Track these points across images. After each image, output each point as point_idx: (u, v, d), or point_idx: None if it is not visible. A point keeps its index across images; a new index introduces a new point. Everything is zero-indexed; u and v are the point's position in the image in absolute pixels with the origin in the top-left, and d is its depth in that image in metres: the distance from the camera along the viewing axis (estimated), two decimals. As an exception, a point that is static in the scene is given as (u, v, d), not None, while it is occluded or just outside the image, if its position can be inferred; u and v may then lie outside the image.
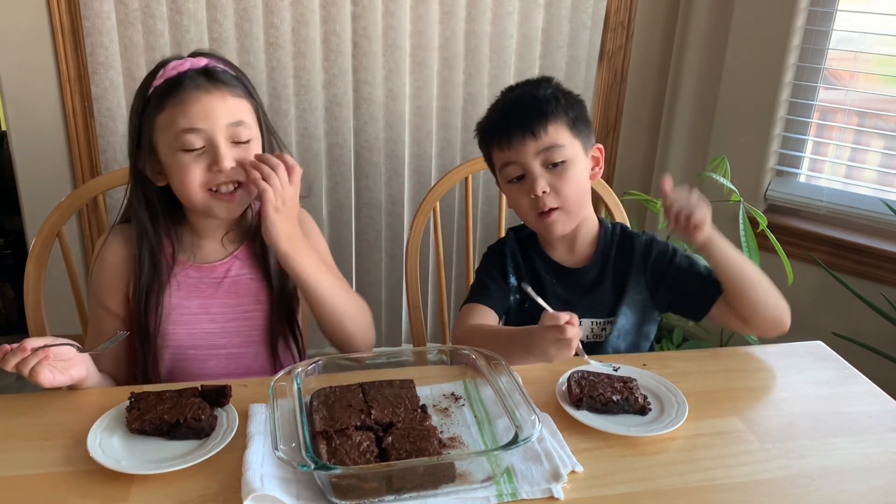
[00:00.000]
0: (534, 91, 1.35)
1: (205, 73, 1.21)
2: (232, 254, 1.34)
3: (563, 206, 1.32)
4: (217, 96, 1.20)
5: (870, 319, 2.24)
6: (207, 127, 1.19)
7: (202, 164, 1.21)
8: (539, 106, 1.31)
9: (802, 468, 1.03)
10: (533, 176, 1.31)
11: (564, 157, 1.31)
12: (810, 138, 2.42)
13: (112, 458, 0.97)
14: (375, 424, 1.02)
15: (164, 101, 1.20)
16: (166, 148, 1.21)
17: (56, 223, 1.48)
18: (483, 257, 1.50)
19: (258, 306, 1.35)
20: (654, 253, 1.40)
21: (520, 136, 1.31)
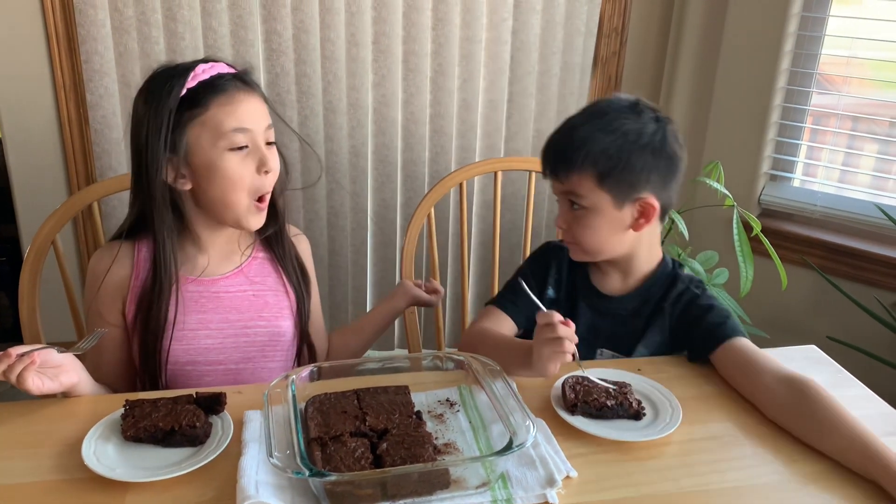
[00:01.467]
0: (583, 127, 1.26)
1: (238, 77, 1.24)
2: (234, 269, 1.34)
3: (579, 245, 1.31)
4: (257, 98, 1.24)
5: (864, 323, 2.24)
6: (254, 127, 1.22)
7: (250, 165, 1.22)
8: (567, 151, 1.26)
9: (796, 472, 1.03)
10: (560, 208, 1.31)
11: (584, 205, 1.26)
12: (804, 143, 2.43)
13: (107, 465, 0.97)
14: (370, 431, 1.02)
15: (208, 100, 1.19)
16: (209, 149, 1.20)
17: (51, 231, 1.48)
18: (529, 258, 1.47)
19: (260, 322, 1.35)
20: (686, 297, 1.34)
21: (548, 171, 1.32)
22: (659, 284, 1.35)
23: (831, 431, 1.06)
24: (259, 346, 1.35)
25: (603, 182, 1.24)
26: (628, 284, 1.36)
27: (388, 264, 2.61)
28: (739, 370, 1.22)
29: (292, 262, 1.39)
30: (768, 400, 1.15)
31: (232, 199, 1.23)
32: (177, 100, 1.19)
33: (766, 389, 1.16)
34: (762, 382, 1.17)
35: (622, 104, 1.29)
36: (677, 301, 1.34)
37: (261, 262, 1.37)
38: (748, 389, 1.19)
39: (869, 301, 2.24)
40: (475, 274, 2.68)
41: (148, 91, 1.22)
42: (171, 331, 1.29)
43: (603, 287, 1.37)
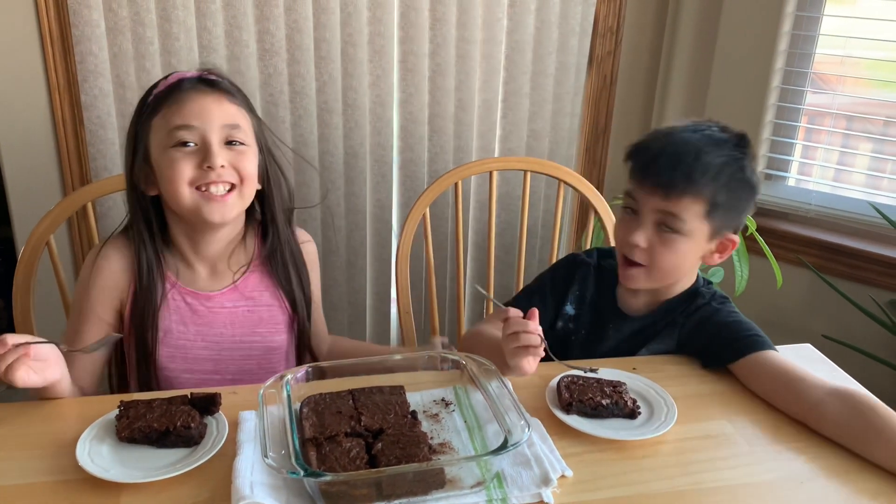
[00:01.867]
0: (706, 149, 1.20)
1: (204, 80, 1.23)
2: (229, 285, 1.33)
3: (650, 268, 1.25)
4: (215, 98, 1.22)
5: (859, 322, 2.25)
6: (201, 124, 1.19)
7: (193, 160, 1.20)
8: (691, 172, 1.19)
9: (791, 471, 1.03)
10: (639, 224, 1.24)
11: (679, 230, 1.21)
12: (798, 142, 2.43)
13: (101, 466, 0.97)
14: (365, 431, 1.02)
15: (160, 105, 1.21)
16: (159, 149, 1.21)
17: (45, 231, 1.48)
18: (555, 267, 1.43)
19: (256, 338, 1.35)
20: (702, 312, 1.32)
21: (651, 185, 1.21)
22: (681, 303, 1.33)
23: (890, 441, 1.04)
24: (256, 359, 1.36)
25: (710, 214, 1.21)
26: (654, 304, 1.35)
27: (383, 265, 2.61)
28: (779, 383, 1.18)
29: (292, 278, 1.36)
30: (820, 415, 1.11)
31: (173, 192, 1.21)
32: (143, 107, 1.23)
33: (816, 404, 1.12)
34: (812, 397, 1.13)
35: (732, 134, 1.25)
36: (692, 314, 1.32)
37: (259, 277, 1.36)
38: (792, 403, 1.16)
39: (864, 300, 2.24)
40: (471, 274, 2.68)
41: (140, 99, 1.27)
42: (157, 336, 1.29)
43: (629, 308, 1.35)
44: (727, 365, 1.27)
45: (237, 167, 1.22)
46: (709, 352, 1.29)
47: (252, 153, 1.26)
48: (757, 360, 1.23)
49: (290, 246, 1.37)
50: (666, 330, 1.33)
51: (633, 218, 1.26)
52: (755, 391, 1.22)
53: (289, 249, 1.36)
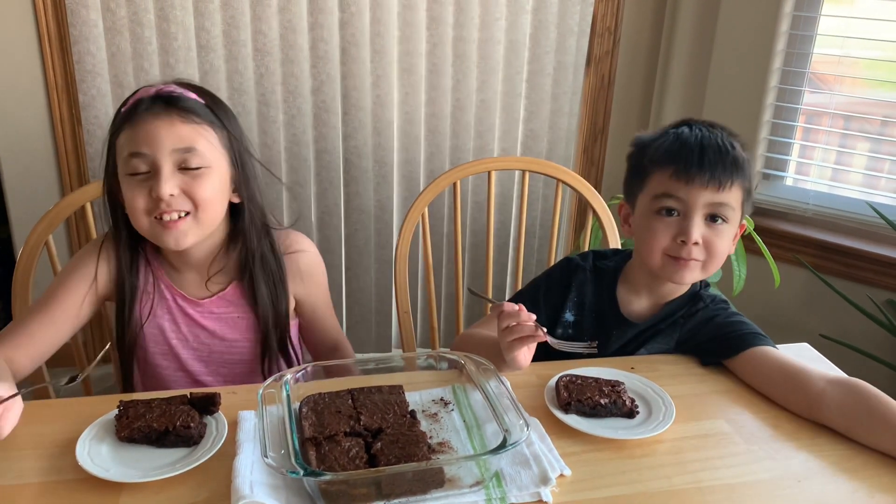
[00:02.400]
0: (730, 142, 1.25)
1: (164, 98, 1.18)
2: (217, 293, 1.33)
3: (707, 261, 1.26)
4: (166, 121, 1.16)
5: (856, 321, 2.26)
6: (151, 151, 1.16)
7: (145, 189, 1.18)
8: (735, 161, 1.23)
9: (788, 469, 1.04)
10: (691, 223, 1.23)
11: (728, 219, 1.25)
12: (796, 142, 2.44)
13: (101, 466, 0.97)
14: (364, 430, 1.02)
15: (122, 125, 1.19)
16: (121, 173, 1.20)
17: (44, 232, 1.48)
18: (549, 272, 1.42)
19: (246, 344, 1.35)
20: (703, 314, 1.33)
21: (704, 179, 1.21)
22: (682, 304, 1.34)
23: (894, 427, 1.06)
24: (248, 364, 1.36)
25: (745, 200, 1.27)
26: (656, 307, 1.35)
27: (384, 265, 2.61)
28: (779, 376, 1.19)
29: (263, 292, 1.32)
30: (822, 404, 1.13)
31: (133, 220, 1.22)
32: (112, 125, 1.22)
33: (818, 393, 1.13)
34: (813, 387, 1.14)
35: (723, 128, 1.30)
36: (693, 315, 1.33)
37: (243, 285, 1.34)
38: (792, 395, 1.17)
39: (861, 299, 2.25)
40: (468, 274, 2.68)
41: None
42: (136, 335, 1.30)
43: (631, 312, 1.35)
44: (728, 360, 1.28)
45: (190, 194, 1.18)
46: (708, 349, 1.30)
47: (211, 175, 1.20)
48: (756, 354, 1.24)
49: (265, 260, 1.32)
50: (667, 330, 1.34)
51: (677, 219, 1.25)
52: (754, 386, 1.23)
53: (260, 264, 1.31)
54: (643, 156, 1.30)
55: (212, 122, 1.21)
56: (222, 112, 1.24)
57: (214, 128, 1.21)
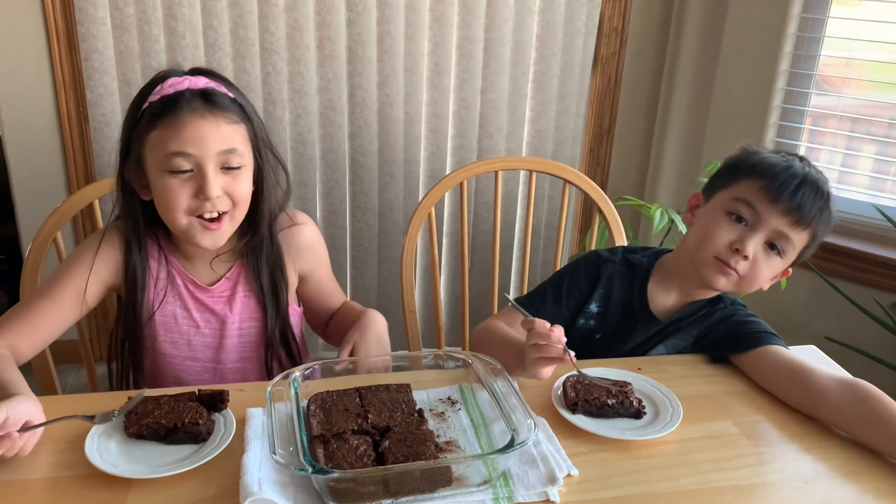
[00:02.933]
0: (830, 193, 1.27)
1: (202, 95, 1.18)
2: (224, 275, 1.34)
3: (745, 279, 1.27)
4: (212, 122, 1.17)
5: (862, 324, 2.25)
6: (198, 152, 1.16)
7: (189, 189, 1.18)
8: (823, 209, 1.25)
9: (795, 471, 1.04)
10: (752, 235, 1.25)
11: (783, 253, 1.26)
12: (803, 144, 2.44)
13: (110, 462, 0.97)
14: (372, 428, 1.02)
15: (157, 120, 1.17)
16: (154, 167, 1.20)
17: (51, 229, 1.48)
18: (576, 263, 1.43)
19: (253, 323, 1.35)
20: (720, 313, 1.35)
21: (787, 206, 1.23)
22: (705, 304, 1.36)
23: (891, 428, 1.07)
24: (256, 346, 1.36)
25: (809, 245, 1.28)
26: (680, 304, 1.37)
27: (391, 264, 2.62)
28: (785, 374, 1.21)
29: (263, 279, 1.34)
30: (825, 402, 1.14)
31: (170, 218, 1.22)
32: (137, 112, 1.20)
33: (821, 391, 1.15)
34: (816, 386, 1.16)
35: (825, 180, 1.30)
36: (711, 315, 1.35)
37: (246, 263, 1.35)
38: (796, 392, 1.18)
39: (867, 302, 2.24)
40: (474, 274, 2.68)
41: (134, 98, 1.24)
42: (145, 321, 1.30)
43: (660, 309, 1.37)
44: (737, 356, 1.29)
45: (231, 193, 1.21)
46: (720, 345, 1.32)
47: (247, 172, 1.23)
48: (766, 352, 1.26)
49: (268, 249, 1.33)
50: (686, 327, 1.36)
51: (743, 227, 1.26)
52: (759, 382, 1.24)
53: (265, 253, 1.33)
54: (747, 160, 1.31)
55: (243, 118, 1.22)
56: (247, 104, 1.26)
57: (245, 124, 1.23)
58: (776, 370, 1.23)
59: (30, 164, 2.37)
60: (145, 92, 1.22)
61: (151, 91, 1.20)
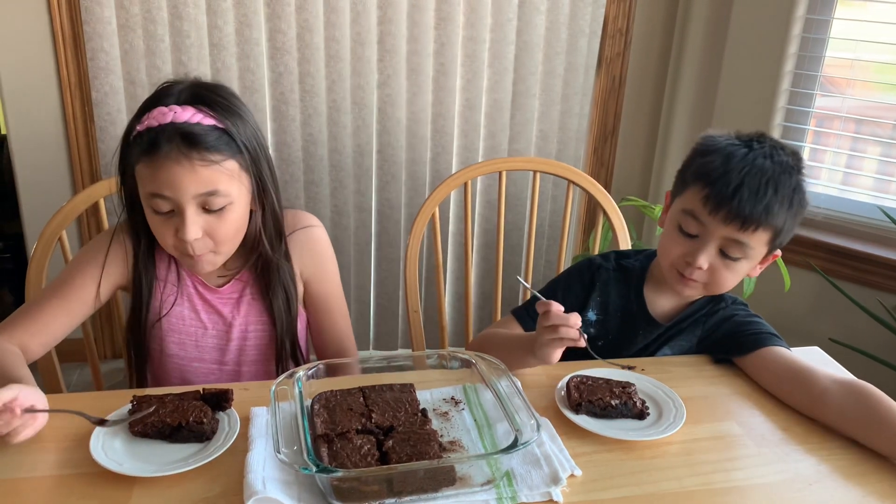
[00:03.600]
0: (780, 178, 1.20)
1: (182, 135, 1.13)
2: (234, 276, 1.34)
3: (708, 286, 1.27)
4: (187, 168, 1.13)
5: (867, 326, 2.25)
6: (175, 196, 1.15)
7: (171, 226, 1.19)
8: (770, 206, 1.18)
9: (799, 473, 1.04)
10: (702, 247, 1.22)
11: (743, 256, 1.23)
12: (807, 145, 2.43)
13: (114, 460, 0.98)
14: (376, 428, 1.03)
15: (140, 156, 1.16)
16: (142, 198, 1.20)
17: (56, 228, 1.49)
18: (569, 272, 1.42)
19: (259, 326, 1.36)
20: (723, 313, 1.34)
21: (729, 216, 1.19)
22: (704, 304, 1.36)
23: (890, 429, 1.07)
24: (262, 349, 1.37)
25: (775, 239, 1.23)
26: (680, 307, 1.36)
27: (391, 263, 2.62)
28: (786, 375, 1.20)
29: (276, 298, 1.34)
30: (825, 405, 1.14)
31: (163, 246, 1.24)
32: (129, 135, 1.19)
33: (821, 393, 1.15)
34: (817, 387, 1.16)
35: (790, 153, 1.25)
36: (714, 314, 1.35)
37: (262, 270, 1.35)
38: (797, 394, 1.18)
39: (872, 304, 2.24)
40: (477, 274, 2.69)
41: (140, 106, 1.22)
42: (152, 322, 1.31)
43: (659, 312, 1.36)
44: (740, 358, 1.29)
45: (213, 235, 1.20)
46: (723, 346, 1.31)
47: (234, 208, 1.20)
48: (768, 353, 1.25)
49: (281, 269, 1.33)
50: (689, 328, 1.35)
51: (693, 240, 1.24)
52: (761, 383, 1.24)
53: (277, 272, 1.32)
54: (693, 163, 1.27)
55: (232, 151, 1.18)
56: (239, 126, 1.20)
57: (235, 156, 1.19)
58: (777, 372, 1.22)
59: (35, 163, 2.37)
60: (137, 116, 1.20)
61: (140, 117, 1.18)
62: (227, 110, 1.20)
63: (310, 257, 1.39)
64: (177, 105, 1.16)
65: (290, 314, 1.37)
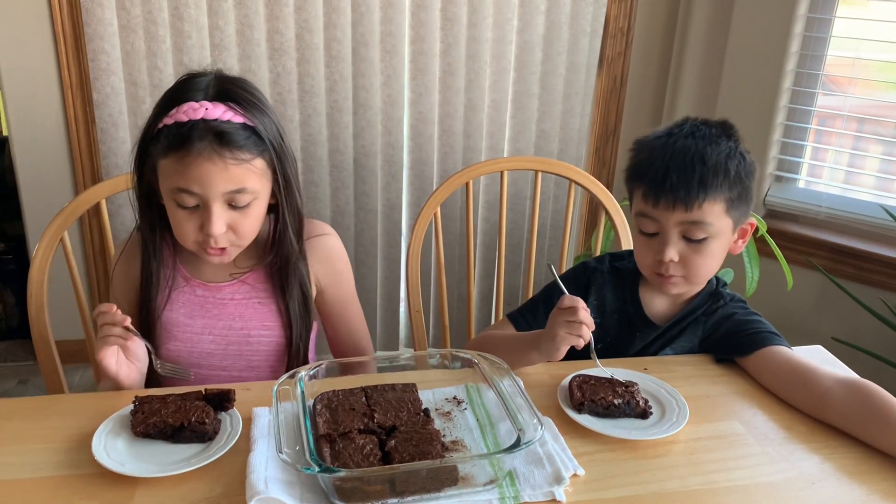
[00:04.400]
0: (706, 150, 1.21)
1: (215, 133, 1.14)
2: (241, 277, 1.34)
3: (687, 276, 1.26)
4: (220, 165, 1.15)
5: (869, 324, 2.25)
6: (203, 192, 1.16)
7: (195, 221, 1.19)
8: (703, 177, 1.19)
9: (802, 472, 1.03)
10: (666, 241, 1.23)
11: (708, 234, 1.22)
12: (809, 144, 2.43)
13: (116, 461, 0.98)
14: (378, 428, 1.03)
15: (168, 150, 1.16)
16: (165, 192, 1.21)
17: (58, 229, 1.49)
18: (565, 276, 1.40)
19: (263, 331, 1.34)
20: (723, 312, 1.33)
21: (669, 202, 1.20)
22: (702, 303, 1.35)
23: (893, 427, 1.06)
24: (264, 355, 1.35)
25: (730, 207, 1.23)
26: (676, 306, 1.36)
27: (392, 263, 2.62)
28: (789, 375, 1.20)
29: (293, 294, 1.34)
30: (828, 405, 1.13)
31: (181, 241, 1.24)
32: (153, 130, 1.19)
33: (824, 392, 1.14)
34: (819, 386, 1.15)
35: (717, 125, 1.27)
36: (714, 313, 1.34)
37: (267, 274, 1.34)
38: (800, 393, 1.18)
39: (874, 302, 2.24)
40: (479, 274, 2.68)
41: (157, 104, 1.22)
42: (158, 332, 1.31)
43: (655, 313, 1.36)
44: (742, 358, 1.28)
45: (236, 230, 1.21)
46: (724, 346, 1.31)
47: (257, 204, 1.22)
48: (770, 353, 1.25)
49: (296, 265, 1.33)
50: (689, 329, 1.34)
51: (654, 238, 1.26)
52: (764, 383, 1.24)
53: (294, 268, 1.32)
54: (629, 167, 1.31)
55: (260, 150, 1.19)
56: (266, 123, 1.21)
57: (262, 154, 1.20)
58: (779, 372, 1.22)
59: (37, 164, 2.38)
60: (163, 108, 1.19)
61: (168, 111, 1.17)
62: (255, 107, 1.21)
63: (326, 265, 1.39)
64: (206, 101, 1.17)
65: (308, 317, 1.37)
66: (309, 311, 1.37)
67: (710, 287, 1.35)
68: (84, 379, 2.52)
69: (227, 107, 1.17)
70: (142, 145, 1.22)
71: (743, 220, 1.28)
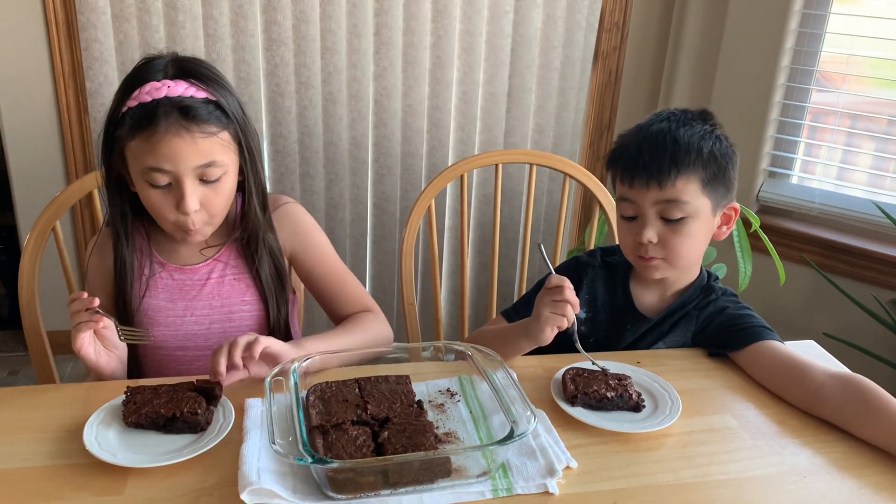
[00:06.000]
0: (679, 131, 1.24)
1: (180, 108, 1.15)
2: (213, 256, 1.34)
3: (668, 258, 1.27)
4: (188, 139, 1.15)
5: (860, 320, 2.26)
6: (175, 168, 1.16)
7: (170, 201, 1.19)
8: (675, 155, 1.22)
9: (794, 465, 1.04)
10: (644, 222, 1.25)
11: (685, 214, 1.23)
12: (803, 140, 2.44)
13: (108, 451, 0.97)
14: (371, 419, 1.02)
15: (134, 131, 1.16)
16: (135, 174, 1.20)
17: (50, 219, 1.48)
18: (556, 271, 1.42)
19: (244, 307, 1.35)
20: (715, 306, 1.33)
21: (643, 181, 1.23)
22: (694, 297, 1.35)
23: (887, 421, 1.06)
24: (248, 330, 1.35)
25: (706, 186, 1.24)
26: (666, 299, 1.36)
27: (387, 256, 2.62)
28: (781, 370, 1.20)
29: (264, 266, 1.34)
30: (821, 399, 1.14)
31: (160, 223, 1.25)
32: (116, 115, 1.19)
33: (817, 387, 1.14)
34: (812, 381, 1.15)
35: (696, 112, 1.30)
36: (706, 307, 1.34)
37: (239, 249, 1.35)
38: (793, 388, 1.18)
39: (866, 298, 2.25)
40: (473, 267, 2.68)
41: (116, 93, 1.22)
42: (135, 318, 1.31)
43: (645, 306, 1.36)
44: (734, 352, 1.28)
45: (208, 207, 1.21)
46: (717, 340, 1.31)
47: (228, 178, 1.23)
48: (762, 348, 1.25)
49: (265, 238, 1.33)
50: (682, 323, 1.35)
51: (634, 222, 1.28)
52: (757, 378, 1.24)
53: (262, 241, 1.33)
54: (608, 166, 1.32)
55: (224, 123, 1.20)
56: (227, 97, 1.22)
57: (227, 127, 1.21)
58: (772, 367, 1.22)
59: (29, 153, 2.36)
60: (124, 93, 1.19)
61: (130, 94, 1.17)
62: (215, 82, 1.22)
63: (290, 230, 1.38)
64: (167, 79, 1.18)
65: (283, 289, 1.37)
66: (283, 281, 1.37)
67: (701, 281, 1.36)
68: (75, 369, 2.51)
69: (188, 83, 1.18)
70: (107, 133, 1.22)
71: (724, 204, 1.29)
